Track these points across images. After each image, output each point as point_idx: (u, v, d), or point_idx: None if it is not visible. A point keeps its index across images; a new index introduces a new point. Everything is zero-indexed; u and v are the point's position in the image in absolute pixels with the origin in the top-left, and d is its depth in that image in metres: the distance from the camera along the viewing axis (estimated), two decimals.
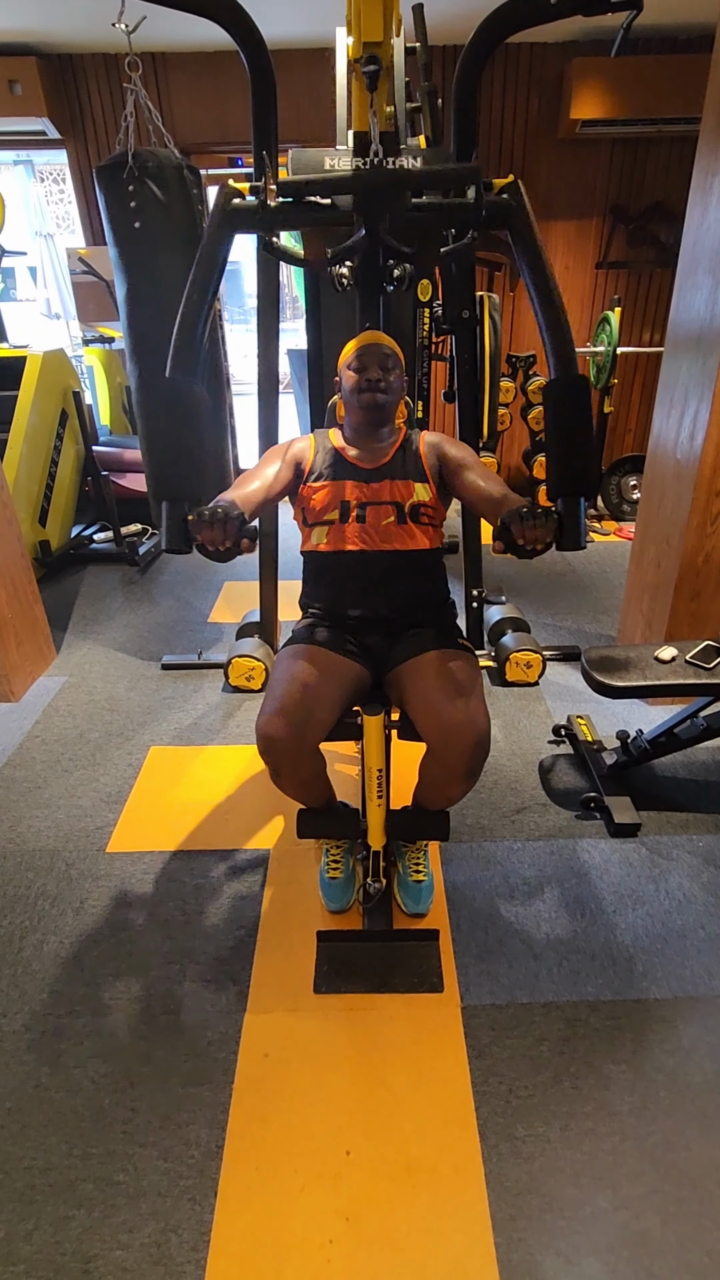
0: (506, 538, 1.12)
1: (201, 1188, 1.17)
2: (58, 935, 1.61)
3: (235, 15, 1.74)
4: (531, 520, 1.09)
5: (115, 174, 2.08)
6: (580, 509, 1.12)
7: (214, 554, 1.16)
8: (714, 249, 1.94)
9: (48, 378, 3.48)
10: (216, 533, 1.14)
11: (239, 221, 1.22)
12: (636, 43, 3.55)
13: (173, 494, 1.13)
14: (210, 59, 3.64)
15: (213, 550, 1.16)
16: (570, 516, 1.11)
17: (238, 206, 1.20)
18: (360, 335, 1.47)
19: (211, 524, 1.13)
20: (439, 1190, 1.15)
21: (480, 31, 1.74)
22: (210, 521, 1.13)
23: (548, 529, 1.09)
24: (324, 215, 1.25)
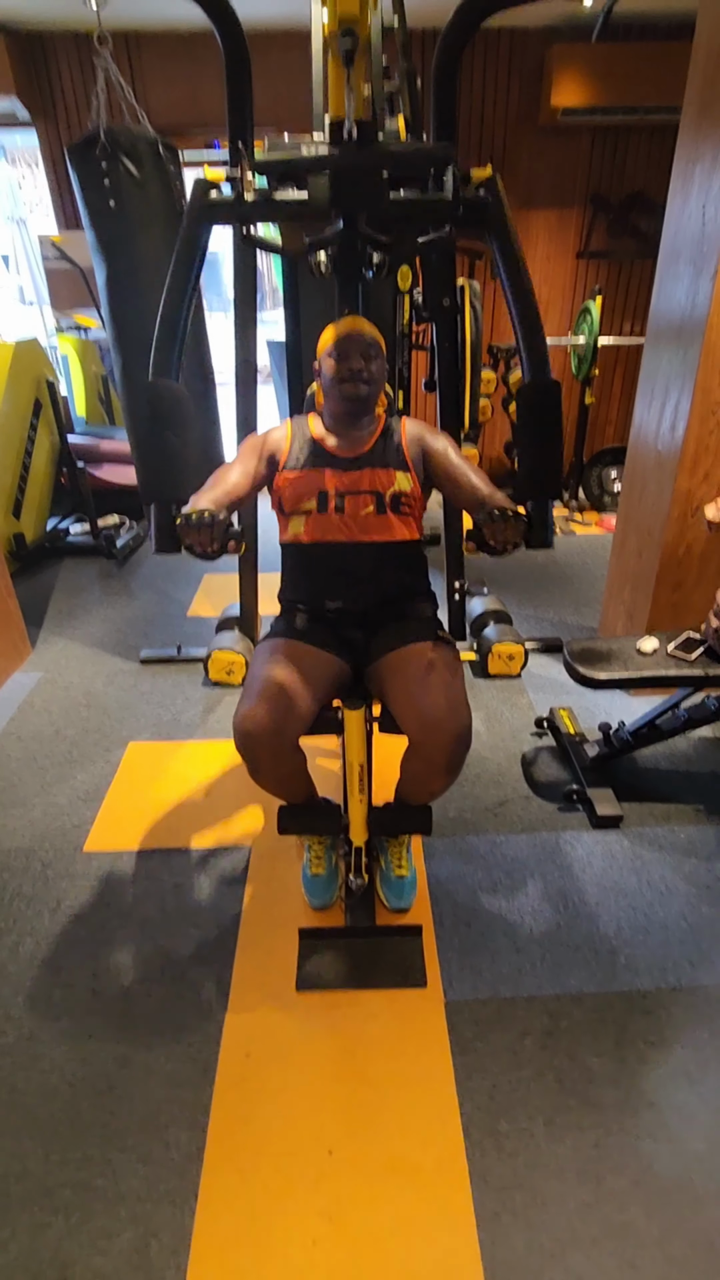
0: (479, 538, 1.19)
1: (182, 1191, 1.15)
2: (34, 937, 1.58)
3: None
4: (503, 522, 1.15)
5: (87, 153, 2.01)
6: (549, 510, 1.17)
7: (201, 555, 1.20)
8: (695, 239, 1.93)
9: (20, 367, 3.39)
10: (204, 536, 1.18)
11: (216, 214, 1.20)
12: (617, 30, 3.53)
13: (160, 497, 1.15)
14: (184, 40, 3.56)
15: (200, 552, 1.20)
16: (539, 517, 1.16)
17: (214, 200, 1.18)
18: (340, 321, 1.44)
19: (199, 528, 1.17)
20: (423, 1188, 1.14)
21: (459, 12, 1.71)
22: (198, 526, 1.17)
23: (517, 530, 1.16)
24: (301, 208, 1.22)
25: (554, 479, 1.13)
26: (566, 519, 4.06)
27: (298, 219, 1.30)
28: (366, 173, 1.20)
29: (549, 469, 1.14)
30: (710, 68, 1.82)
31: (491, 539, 1.17)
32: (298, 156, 1.23)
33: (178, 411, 1.15)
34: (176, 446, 1.14)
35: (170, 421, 1.15)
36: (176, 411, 1.15)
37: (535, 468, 1.13)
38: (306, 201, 1.22)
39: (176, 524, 1.18)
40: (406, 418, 1.54)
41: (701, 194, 1.88)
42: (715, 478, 2.07)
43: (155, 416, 1.15)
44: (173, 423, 1.15)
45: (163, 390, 1.15)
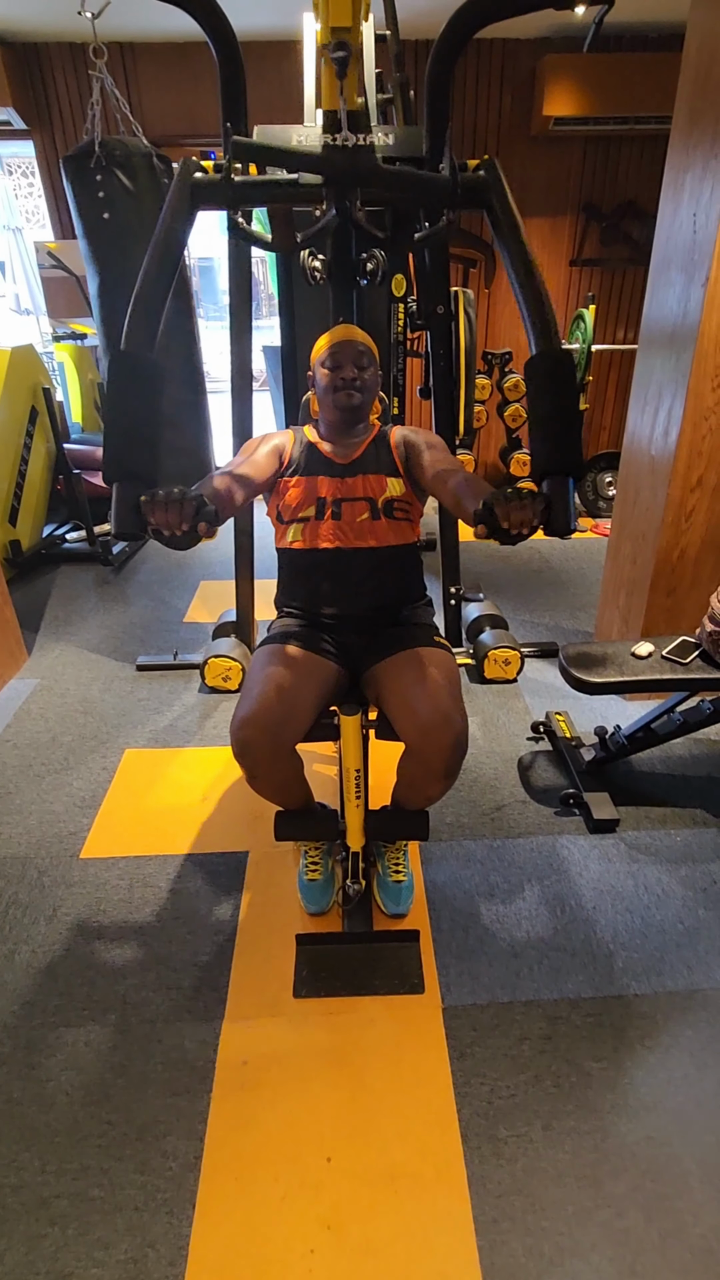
0: (490, 520, 1.03)
1: (179, 1200, 1.14)
2: (29, 945, 1.57)
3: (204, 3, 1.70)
4: (518, 501, 1.00)
5: (82, 164, 2.03)
6: (569, 489, 1.05)
7: (170, 539, 1.07)
8: (686, 247, 1.94)
9: (16, 374, 3.40)
10: (171, 515, 1.04)
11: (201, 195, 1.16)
12: (608, 40, 3.57)
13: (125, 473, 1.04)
14: (180, 50, 3.58)
15: (168, 535, 1.07)
16: (558, 498, 1.04)
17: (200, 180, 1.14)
18: (333, 330, 1.45)
19: (166, 505, 1.04)
20: (421, 1195, 1.14)
21: (452, 23, 1.72)
22: (165, 502, 1.03)
23: (534, 511, 1.01)
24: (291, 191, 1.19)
25: (573, 454, 1.01)
26: None
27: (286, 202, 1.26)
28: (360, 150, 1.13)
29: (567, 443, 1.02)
30: (699, 78, 1.85)
31: (505, 520, 1.01)
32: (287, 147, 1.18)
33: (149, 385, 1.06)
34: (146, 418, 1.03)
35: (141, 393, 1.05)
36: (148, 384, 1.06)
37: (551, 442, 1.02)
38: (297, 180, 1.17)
39: (141, 502, 1.04)
40: (397, 426, 1.55)
41: (692, 203, 1.90)
42: (709, 483, 2.08)
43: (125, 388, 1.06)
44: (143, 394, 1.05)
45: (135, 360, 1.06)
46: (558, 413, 1.02)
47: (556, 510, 1.04)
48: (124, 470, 1.05)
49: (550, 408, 1.03)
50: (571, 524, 1.05)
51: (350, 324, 1.45)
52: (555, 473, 1.05)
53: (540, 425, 1.04)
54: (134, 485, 1.06)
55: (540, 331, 1.10)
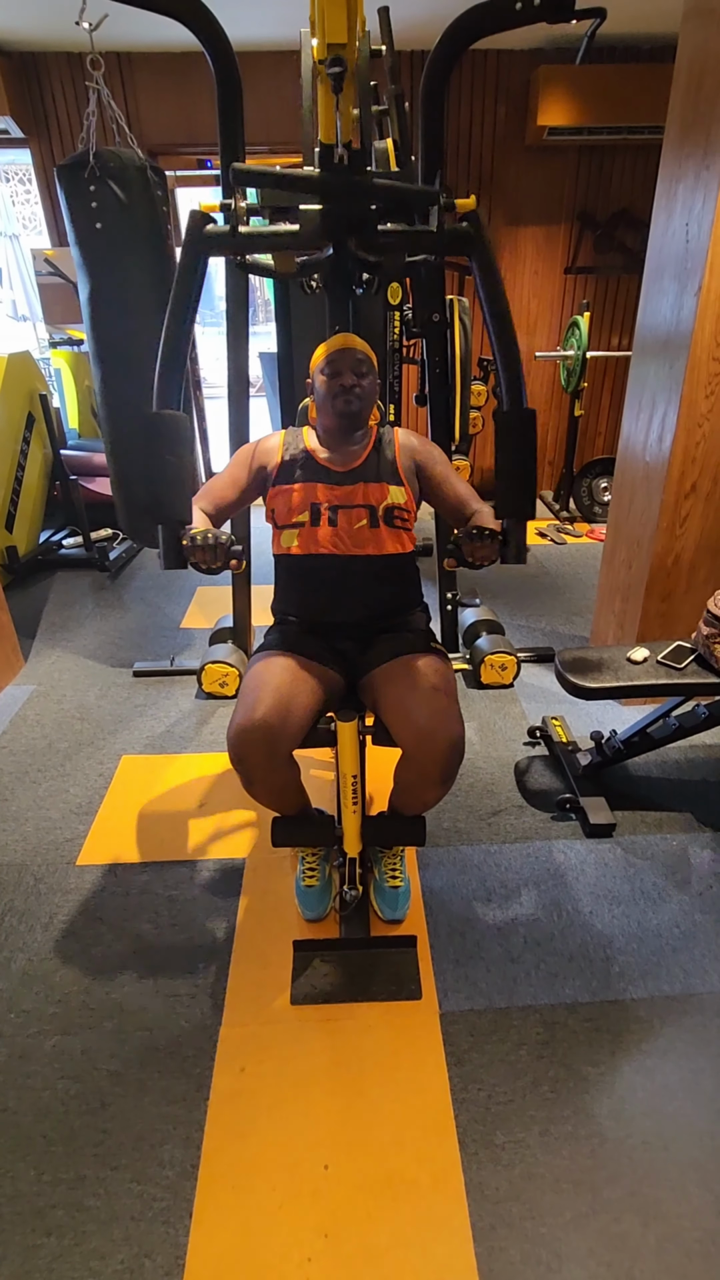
0: (458, 555, 1.29)
1: (176, 1209, 1.14)
2: (25, 953, 1.57)
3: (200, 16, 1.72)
4: (480, 540, 1.26)
5: (76, 174, 2.04)
6: (523, 529, 1.25)
7: (206, 570, 1.28)
8: (679, 256, 1.96)
9: (13, 381, 3.41)
10: (208, 555, 1.27)
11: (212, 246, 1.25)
12: (601, 52, 3.61)
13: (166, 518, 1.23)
14: (177, 60, 3.61)
15: (205, 569, 1.28)
16: (514, 536, 1.24)
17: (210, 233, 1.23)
18: (332, 339, 1.46)
19: (204, 548, 1.26)
20: (419, 1202, 1.14)
21: (446, 36, 1.75)
22: (203, 546, 1.26)
23: (493, 548, 1.27)
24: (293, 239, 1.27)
25: (528, 500, 1.21)
26: (558, 529, 4.09)
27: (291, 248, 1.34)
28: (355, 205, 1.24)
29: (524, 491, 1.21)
30: (691, 90, 1.87)
31: (470, 556, 1.28)
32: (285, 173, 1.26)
33: (180, 438, 1.21)
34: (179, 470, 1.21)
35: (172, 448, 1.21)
36: (178, 438, 1.21)
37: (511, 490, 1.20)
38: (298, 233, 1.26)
39: (183, 543, 1.25)
40: (399, 429, 1.56)
41: (685, 213, 1.92)
42: (702, 489, 2.10)
43: (159, 443, 1.20)
44: (176, 449, 1.21)
45: (166, 420, 1.20)
46: (517, 466, 1.19)
47: (513, 546, 1.25)
48: (165, 515, 1.22)
49: (511, 462, 1.19)
50: (524, 557, 1.26)
51: (349, 333, 1.47)
52: (510, 517, 1.24)
53: (502, 475, 1.20)
54: (174, 526, 1.25)
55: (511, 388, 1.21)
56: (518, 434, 1.19)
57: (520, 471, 1.19)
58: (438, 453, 1.54)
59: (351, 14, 1.07)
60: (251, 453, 1.53)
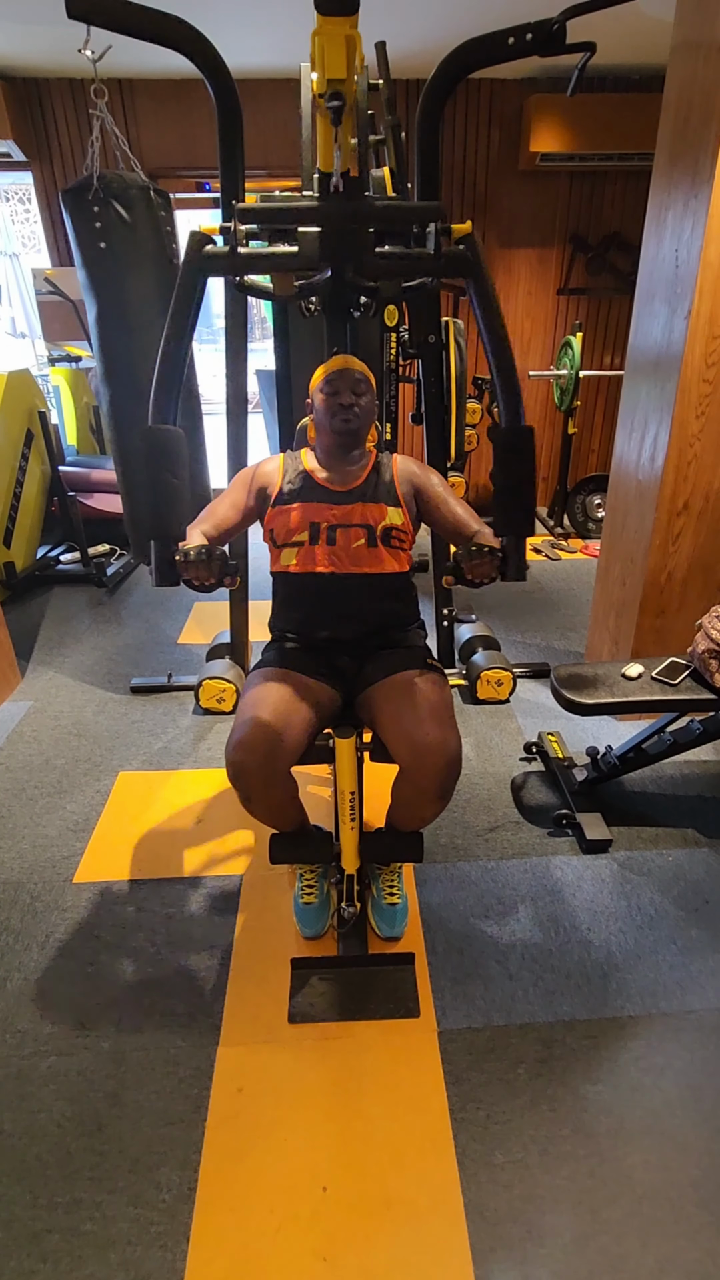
0: (458, 573, 1.27)
1: (173, 1233, 1.13)
2: (22, 972, 1.56)
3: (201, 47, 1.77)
4: (479, 558, 1.24)
5: (81, 197, 2.08)
6: (522, 546, 1.23)
7: (199, 587, 1.26)
8: (669, 280, 2.01)
9: (12, 398, 3.44)
10: (202, 571, 1.24)
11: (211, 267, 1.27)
12: (592, 81, 3.70)
13: (160, 534, 1.22)
14: (178, 86, 3.68)
15: (198, 585, 1.25)
16: (514, 552, 1.23)
17: (209, 253, 1.24)
18: (331, 360, 1.48)
19: (198, 564, 1.23)
20: (418, 1224, 1.13)
21: (441, 68, 1.80)
22: (196, 561, 1.23)
23: (492, 565, 1.25)
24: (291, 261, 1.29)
25: (528, 517, 1.20)
26: (552, 545, 4.12)
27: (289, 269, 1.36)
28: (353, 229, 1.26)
29: (522, 508, 1.20)
30: (679, 121, 1.92)
31: (470, 574, 1.26)
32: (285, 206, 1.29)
33: (175, 454, 1.20)
34: (174, 486, 1.19)
35: (168, 463, 1.20)
36: (174, 454, 1.20)
37: (509, 507, 1.20)
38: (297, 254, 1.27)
39: (176, 560, 1.23)
40: (398, 455, 1.58)
41: (674, 239, 1.97)
42: (694, 508, 2.13)
43: (154, 459, 1.20)
44: (171, 465, 1.20)
45: (161, 435, 1.20)
46: (515, 483, 1.18)
47: (512, 563, 1.23)
48: (159, 531, 1.21)
49: (509, 478, 1.18)
50: (523, 574, 1.24)
51: (346, 353, 1.49)
52: (510, 534, 1.23)
53: (500, 492, 1.19)
54: (168, 543, 1.23)
55: (508, 406, 1.21)
56: (516, 451, 1.19)
57: (519, 488, 1.19)
58: (435, 476, 1.56)
59: (350, 51, 1.11)
60: (252, 475, 1.54)
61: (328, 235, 1.28)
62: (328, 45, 1.10)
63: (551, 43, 1.61)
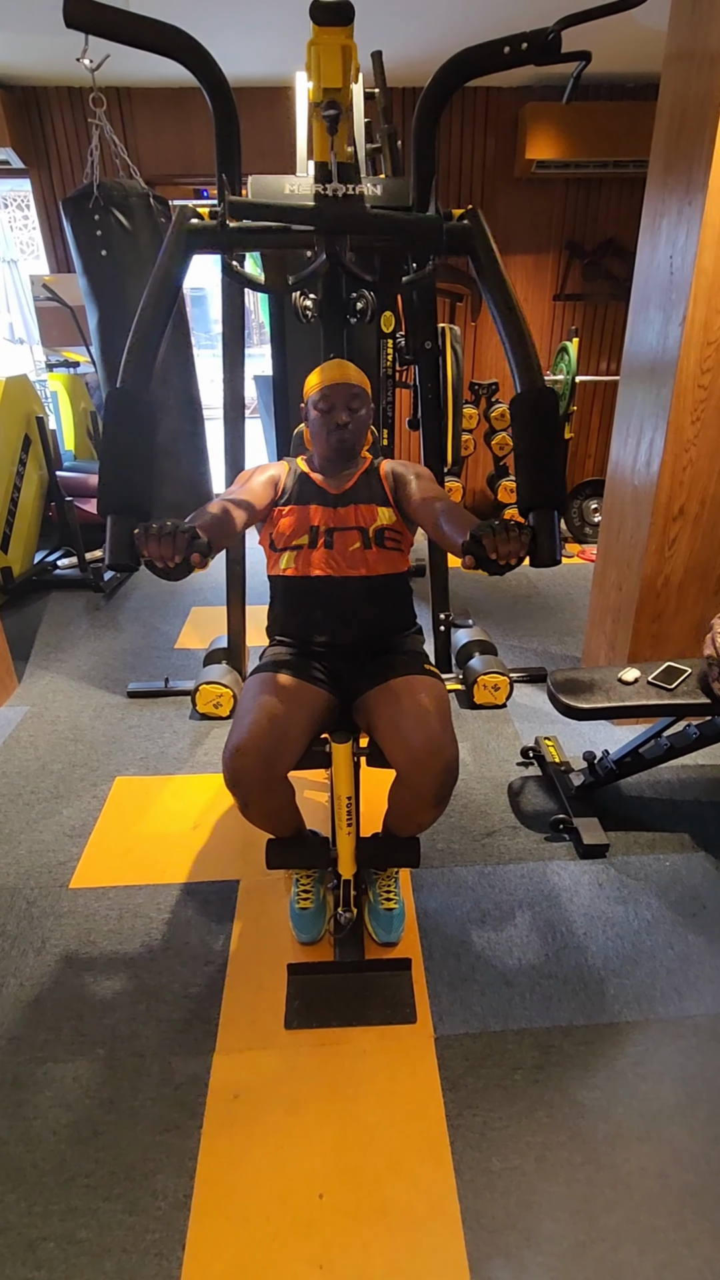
0: (478, 552, 1.05)
1: (169, 1241, 1.12)
2: (17, 978, 1.55)
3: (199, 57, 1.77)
4: (505, 534, 1.03)
5: (81, 205, 2.09)
6: (554, 521, 1.08)
7: (162, 571, 1.08)
8: (663, 286, 2.02)
9: (10, 403, 3.44)
10: (165, 547, 1.06)
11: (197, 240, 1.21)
12: (587, 89, 3.72)
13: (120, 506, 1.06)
14: (175, 94, 3.70)
15: (161, 567, 1.08)
16: (543, 529, 1.07)
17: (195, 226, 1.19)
18: (326, 365, 1.48)
19: (159, 538, 1.05)
20: (415, 1231, 1.13)
21: (437, 77, 1.80)
22: (158, 535, 1.05)
23: (521, 543, 1.04)
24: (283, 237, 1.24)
25: (557, 487, 1.05)
26: None
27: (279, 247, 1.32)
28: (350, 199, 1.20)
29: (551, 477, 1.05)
30: (673, 129, 1.94)
31: (493, 551, 1.04)
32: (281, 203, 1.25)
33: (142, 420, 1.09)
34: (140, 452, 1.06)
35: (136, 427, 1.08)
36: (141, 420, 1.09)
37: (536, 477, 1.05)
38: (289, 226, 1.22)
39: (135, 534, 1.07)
40: (386, 460, 1.58)
41: (668, 246, 1.98)
42: (690, 512, 2.13)
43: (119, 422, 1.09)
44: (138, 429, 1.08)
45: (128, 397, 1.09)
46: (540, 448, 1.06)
47: (542, 542, 1.08)
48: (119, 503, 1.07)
49: (533, 444, 1.06)
50: (557, 555, 1.08)
51: (344, 360, 1.48)
52: (540, 506, 1.08)
53: (524, 460, 1.07)
54: (128, 518, 1.08)
55: (524, 369, 1.14)
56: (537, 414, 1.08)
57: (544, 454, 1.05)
58: (419, 469, 1.52)
59: (346, 61, 1.12)
60: (264, 471, 1.53)
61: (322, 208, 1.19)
62: (323, 55, 1.11)
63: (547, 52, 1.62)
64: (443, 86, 1.82)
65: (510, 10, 2.77)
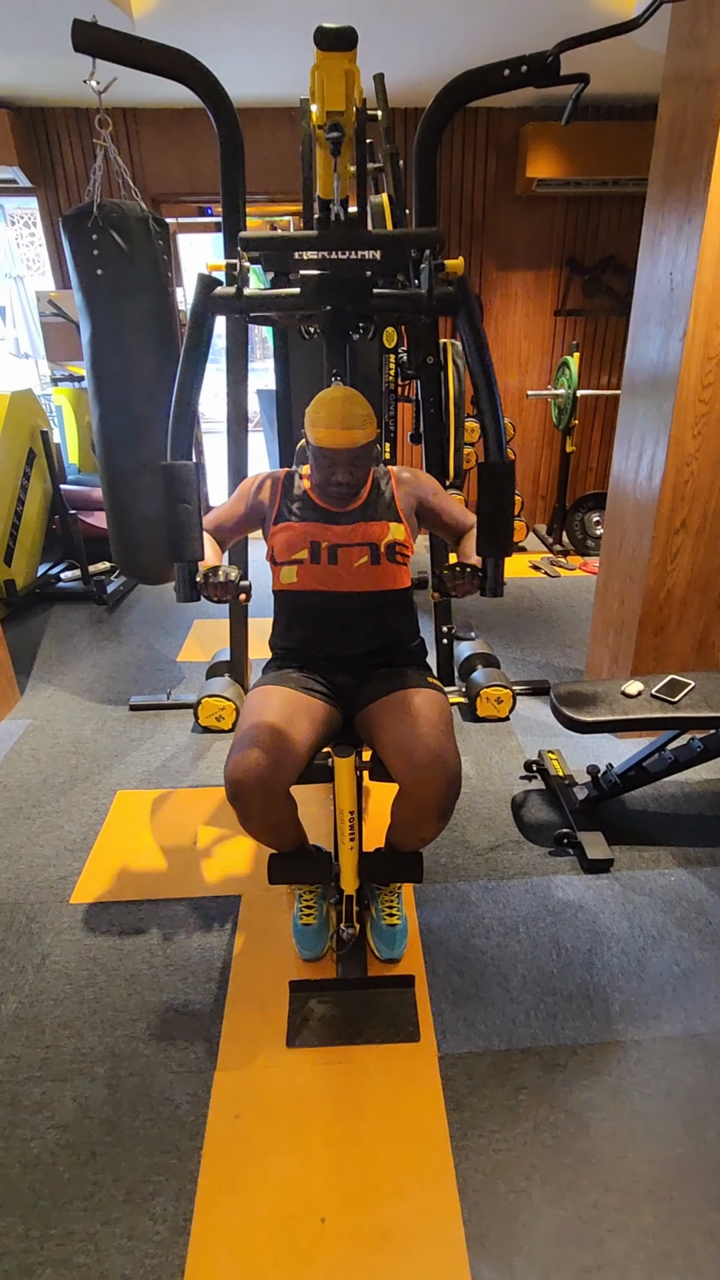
0: (442, 589, 1.40)
1: (168, 1267, 1.10)
2: (17, 994, 1.54)
3: (205, 80, 1.81)
4: (460, 577, 1.36)
5: (80, 223, 2.11)
6: (501, 565, 1.36)
7: (216, 601, 1.40)
8: (664, 302, 2.04)
9: (16, 417, 3.47)
10: (220, 590, 1.38)
11: (219, 307, 1.35)
12: (586, 109, 3.77)
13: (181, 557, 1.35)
14: (180, 114, 3.76)
15: (215, 600, 1.39)
16: (493, 571, 1.35)
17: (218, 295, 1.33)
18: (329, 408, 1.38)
19: (215, 585, 1.37)
20: (419, 1257, 1.11)
21: (438, 99, 1.84)
22: (214, 584, 1.37)
23: (472, 583, 1.37)
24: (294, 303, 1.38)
25: (506, 540, 1.33)
26: (551, 562, 4.14)
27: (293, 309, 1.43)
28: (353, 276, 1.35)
29: (501, 533, 1.32)
30: (672, 148, 1.96)
31: (452, 590, 1.38)
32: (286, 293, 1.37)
33: (190, 485, 1.32)
34: (190, 514, 1.32)
35: (185, 494, 1.31)
36: (189, 486, 1.32)
37: (490, 531, 1.32)
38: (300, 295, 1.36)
39: (196, 581, 1.36)
40: (393, 467, 1.59)
41: (668, 262, 2.00)
42: (692, 526, 2.14)
43: (173, 491, 1.30)
44: (187, 495, 1.31)
45: (178, 470, 1.30)
46: (495, 512, 1.30)
47: (491, 580, 1.36)
48: (180, 555, 1.34)
49: (490, 508, 1.30)
50: (500, 591, 1.37)
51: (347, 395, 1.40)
52: (491, 555, 1.34)
53: (483, 518, 1.31)
54: (190, 564, 1.35)
55: (493, 440, 1.31)
56: (497, 482, 1.30)
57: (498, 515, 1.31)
58: (432, 483, 1.60)
59: (349, 85, 1.13)
60: (254, 485, 1.58)
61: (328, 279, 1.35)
62: (327, 79, 1.13)
63: (547, 74, 1.65)
64: (444, 108, 1.85)
65: (509, 32, 2.81)
